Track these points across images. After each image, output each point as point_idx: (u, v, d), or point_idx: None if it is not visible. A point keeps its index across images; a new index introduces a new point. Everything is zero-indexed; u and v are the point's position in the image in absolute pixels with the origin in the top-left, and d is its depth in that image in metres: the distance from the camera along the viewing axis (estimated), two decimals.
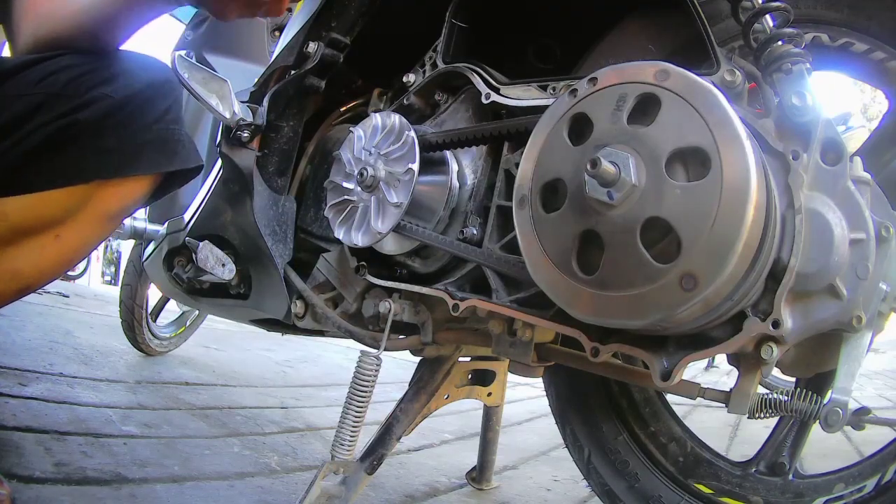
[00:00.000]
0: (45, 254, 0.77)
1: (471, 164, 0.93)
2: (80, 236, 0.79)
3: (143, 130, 0.73)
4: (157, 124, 0.75)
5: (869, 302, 0.64)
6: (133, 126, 0.72)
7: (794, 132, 0.66)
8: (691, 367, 0.71)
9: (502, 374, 1.33)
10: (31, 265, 0.77)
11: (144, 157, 0.74)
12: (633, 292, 0.61)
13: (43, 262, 0.78)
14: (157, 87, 0.74)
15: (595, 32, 0.98)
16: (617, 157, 0.62)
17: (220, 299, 1.27)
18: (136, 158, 0.74)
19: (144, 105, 0.73)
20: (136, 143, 0.73)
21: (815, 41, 0.80)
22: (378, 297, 0.99)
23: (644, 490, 1.00)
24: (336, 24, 1.06)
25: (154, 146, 0.75)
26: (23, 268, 0.77)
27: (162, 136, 0.75)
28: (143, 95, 0.73)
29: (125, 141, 0.72)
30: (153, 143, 0.74)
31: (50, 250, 0.77)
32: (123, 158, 0.73)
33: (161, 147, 0.76)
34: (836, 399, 0.67)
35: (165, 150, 0.76)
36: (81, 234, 0.78)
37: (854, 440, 1.96)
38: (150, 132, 0.74)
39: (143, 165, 0.75)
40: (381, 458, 1.04)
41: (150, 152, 0.74)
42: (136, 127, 0.72)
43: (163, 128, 0.75)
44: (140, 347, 2.28)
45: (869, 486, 0.80)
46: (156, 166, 0.76)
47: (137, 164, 0.74)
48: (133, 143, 0.73)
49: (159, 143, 0.75)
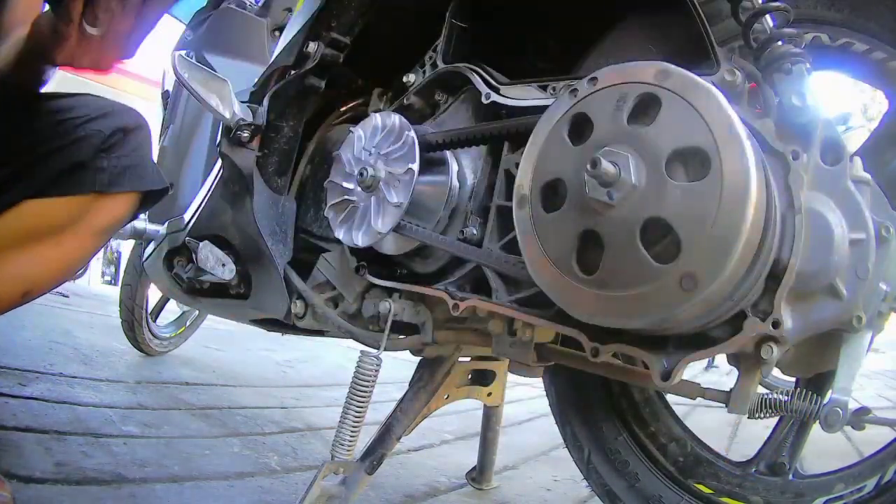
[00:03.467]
0: (47, 260, 0.90)
1: (471, 164, 0.93)
2: (78, 246, 0.93)
3: (125, 157, 0.92)
4: (133, 153, 0.93)
5: (869, 302, 0.64)
6: (117, 153, 0.91)
7: (794, 132, 0.66)
8: (691, 367, 0.71)
9: (502, 374, 1.33)
10: (36, 270, 0.90)
11: (127, 177, 0.92)
12: (632, 292, 0.61)
13: (46, 268, 0.91)
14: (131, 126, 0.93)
15: (595, 32, 0.98)
16: (617, 157, 0.62)
17: (220, 299, 1.27)
18: (122, 178, 0.92)
19: (124, 138, 0.92)
20: (121, 165, 0.91)
21: (815, 41, 0.80)
22: (378, 297, 0.99)
23: (644, 490, 1.00)
24: (336, 24, 1.06)
25: (133, 169, 0.93)
26: (28, 273, 0.89)
27: (138, 162, 0.94)
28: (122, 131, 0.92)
29: (113, 163, 0.90)
30: (132, 168, 0.93)
31: (52, 256, 0.90)
32: (113, 177, 0.90)
33: (138, 171, 0.94)
34: (836, 399, 0.67)
35: (141, 173, 0.94)
36: (79, 243, 0.93)
37: (854, 440, 1.96)
38: (129, 158, 0.92)
39: (127, 183, 0.92)
40: (381, 458, 1.04)
41: (130, 174, 0.93)
42: (119, 154, 0.91)
43: (138, 156, 0.94)
44: (140, 347, 2.28)
45: (869, 486, 0.80)
46: (136, 185, 0.94)
47: (123, 182, 0.92)
48: (119, 165, 0.91)
49: (137, 168, 0.93)
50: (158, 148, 1.58)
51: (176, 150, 1.49)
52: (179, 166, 1.43)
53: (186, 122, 1.50)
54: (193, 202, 1.26)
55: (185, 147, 1.45)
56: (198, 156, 1.40)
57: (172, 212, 1.34)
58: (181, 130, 1.51)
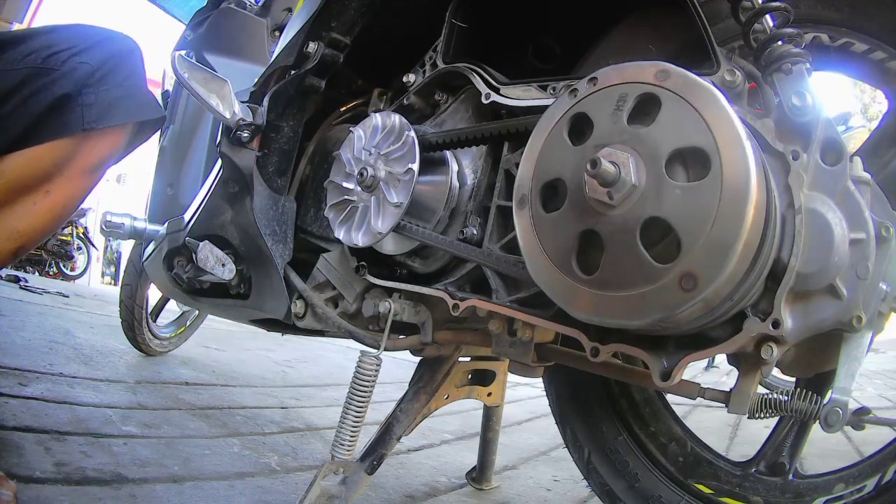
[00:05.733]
0: (37, 210, 0.86)
1: (471, 164, 0.93)
2: (68, 190, 0.89)
3: (115, 87, 0.87)
4: (125, 82, 0.88)
5: (869, 302, 0.64)
6: (107, 85, 0.86)
7: (794, 132, 0.66)
8: (691, 367, 0.71)
9: (502, 374, 1.33)
10: (26, 223, 0.86)
11: (118, 109, 0.87)
12: (632, 292, 0.61)
13: (36, 219, 0.87)
14: (123, 53, 0.88)
15: (595, 32, 0.98)
16: (617, 157, 0.62)
17: (220, 299, 1.27)
18: (112, 110, 0.87)
19: (114, 68, 0.86)
20: (111, 98, 0.86)
21: (815, 41, 0.80)
22: (378, 297, 0.99)
23: (644, 490, 1.00)
24: (336, 24, 1.06)
25: (125, 100, 0.88)
26: (18, 225, 0.85)
27: (130, 92, 0.88)
28: (113, 60, 0.86)
29: (101, 97, 0.85)
30: (124, 98, 0.87)
31: (42, 206, 0.86)
32: (102, 111, 0.86)
33: (130, 101, 0.88)
34: (836, 399, 0.67)
35: (134, 102, 0.89)
36: (69, 187, 0.89)
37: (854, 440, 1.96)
38: (121, 89, 0.87)
39: (118, 116, 0.87)
40: (381, 458, 1.04)
41: (122, 105, 0.87)
42: (109, 85, 0.86)
43: (130, 84, 0.88)
44: (140, 347, 2.28)
45: (869, 486, 0.80)
46: (128, 116, 0.89)
47: (113, 115, 0.87)
48: (108, 98, 0.86)
49: (129, 98, 0.88)
50: (158, 148, 1.59)
51: (176, 150, 1.49)
52: (179, 166, 1.43)
53: (186, 122, 1.50)
54: (193, 202, 1.26)
55: (185, 147, 1.45)
56: (198, 156, 1.40)
57: (172, 212, 1.34)
58: (181, 130, 1.51)
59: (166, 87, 1.76)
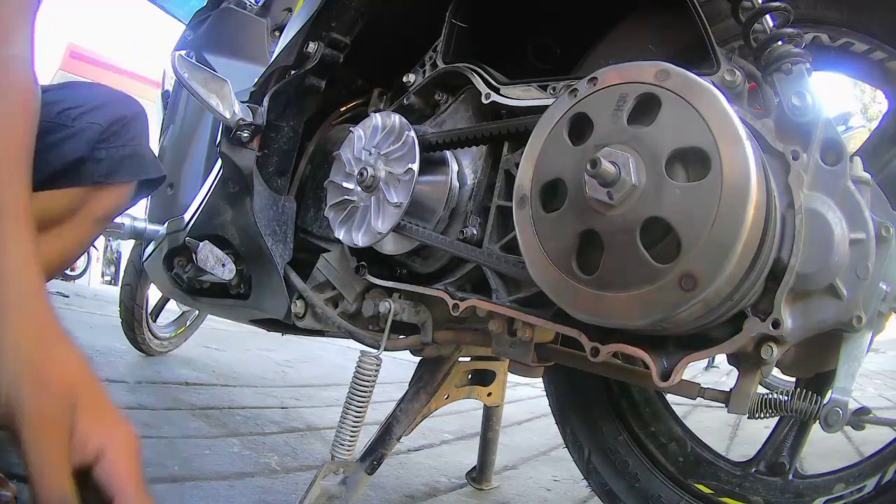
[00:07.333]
0: (49, 251, 0.90)
1: (471, 164, 0.93)
2: (78, 235, 0.95)
3: (122, 147, 0.94)
4: (132, 142, 0.95)
5: (869, 302, 0.64)
6: (116, 143, 0.93)
7: (794, 132, 0.66)
8: (691, 367, 0.71)
9: (502, 374, 1.33)
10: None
11: (125, 166, 0.94)
12: (632, 292, 0.61)
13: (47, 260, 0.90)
14: (129, 117, 0.95)
15: (595, 32, 0.98)
16: (617, 157, 0.62)
17: (220, 299, 1.27)
18: (120, 167, 0.94)
19: (122, 129, 0.94)
20: (119, 155, 0.93)
21: (815, 41, 0.80)
22: (378, 297, 0.99)
23: (644, 490, 1.00)
24: (336, 24, 1.06)
25: (131, 159, 0.95)
26: None
27: (136, 151, 0.96)
28: (121, 122, 0.94)
29: (111, 154, 0.92)
30: (130, 157, 0.95)
31: (53, 247, 0.91)
32: (111, 168, 0.93)
33: (136, 160, 0.96)
34: (836, 399, 0.67)
35: (139, 161, 0.96)
36: (78, 233, 0.95)
37: (854, 440, 1.96)
38: (127, 148, 0.94)
39: (125, 173, 0.95)
40: (381, 458, 1.04)
41: (128, 164, 0.95)
42: (117, 144, 0.93)
43: (136, 144, 0.96)
44: (140, 347, 2.28)
45: (869, 486, 0.80)
46: (134, 174, 0.96)
47: (121, 172, 0.94)
48: (117, 155, 0.93)
49: (134, 157, 0.95)
50: (158, 148, 1.59)
51: (176, 150, 1.49)
52: (179, 166, 1.43)
53: (186, 122, 1.50)
54: (193, 202, 1.26)
55: (185, 147, 1.45)
56: (198, 156, 1.40)
57: (172, 212, 1.34)
58: (181, 130, 1.51)
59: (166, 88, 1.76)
